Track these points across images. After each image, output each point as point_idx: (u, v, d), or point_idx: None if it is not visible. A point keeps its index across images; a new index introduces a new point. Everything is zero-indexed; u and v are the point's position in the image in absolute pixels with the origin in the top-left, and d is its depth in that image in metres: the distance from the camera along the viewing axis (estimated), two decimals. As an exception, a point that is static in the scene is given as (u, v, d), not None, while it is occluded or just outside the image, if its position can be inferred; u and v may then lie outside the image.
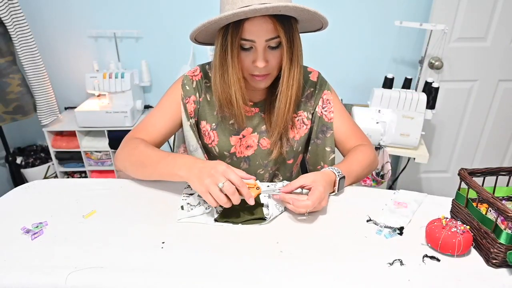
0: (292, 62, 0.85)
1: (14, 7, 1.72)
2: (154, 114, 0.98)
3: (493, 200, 0.64)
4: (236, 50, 0.82)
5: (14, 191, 0.89)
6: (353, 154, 0.97)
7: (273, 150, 0.99)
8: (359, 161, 0.95)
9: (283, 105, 0.90)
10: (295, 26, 0.83)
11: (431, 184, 2.32)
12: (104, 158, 2.10)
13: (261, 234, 0.75)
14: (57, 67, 2.16)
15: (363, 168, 0.94)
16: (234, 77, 0.86)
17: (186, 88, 0.97)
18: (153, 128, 0.96)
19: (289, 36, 0.81)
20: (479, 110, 2.08)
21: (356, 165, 0.93)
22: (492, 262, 0.65)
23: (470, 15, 1.83)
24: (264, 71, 0.86)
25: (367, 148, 1.00)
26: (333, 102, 1.01)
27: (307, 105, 1.01)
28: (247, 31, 0.80)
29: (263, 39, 0.80)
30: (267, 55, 0.84)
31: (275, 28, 0.79)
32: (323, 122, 1.01)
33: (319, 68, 1.05)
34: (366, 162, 0.96)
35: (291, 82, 0.87)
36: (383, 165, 1.66)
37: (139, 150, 0.88)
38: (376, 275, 0.63)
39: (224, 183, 0.72)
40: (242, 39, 0.81)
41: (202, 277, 0.63)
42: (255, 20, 0.78)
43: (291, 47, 0.83)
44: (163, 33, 2.06)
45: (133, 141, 0.91)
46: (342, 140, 1.03)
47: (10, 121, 1.89)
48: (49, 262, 0.66)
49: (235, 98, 0.89)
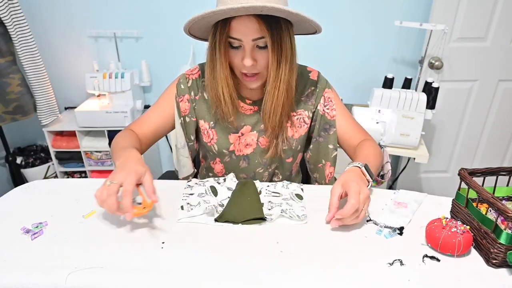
0: (279, 64, 0.84)
1: (14, 7, 1.72)
2: (150, 110, 1.03)
3: (493, 200, 0.64)
4: (223, 47, 0.84)
5: (14, 191, 0.89)
6: (363, 148, 0.97)
7: (269, 148, 0.99)
8: (371, 154, 0.94)
9: (269, 106, 0.91)
10: (286, 27, 0.82)
11: (431, 184, 2.32)
12: (104, 158, 2.10)
13: (261, 234, 0.75)
14: (57, 67, 2.15)
15: (376, 159, 0.94)
16: (221, 74, 0.88)
17: (180, 87, 1.00)
18: (146, 123, 1.00)
19: (275, 37, 0.81)
20: (479, 110, 2.08)
21: (371, 157, 0.92)
22: (492, 262, 0.65)
23: (470, 15, 1.83)
24: (253, 70, 0.86)
25: (373, 143, 1.00)
26: (334, 100, 1.01)
27: (308, 104, 1.01)
28: (234, 30, 0.81)
29: (250, 38, 0.81)
30: (256, 54, 0.84)
31: (261, 28, 0.79)
32: (325, 120, 1.01)
33: (319, 67, 1.05)
34: (377, 154, 0.96)
35: (278, 84, 0.87)
36: (383, 165, 1.66)
37: (118, 139, 0.92)
38: (376, 275, 0.63)
39: (112, 182, 0.70)
40: (230, 37, 0.82)
41: (202, 277, 0.63)
42: (241, 19, 0.79)
43: (278, 48, 0.82)
44: (163, 33, 2.06)
45: (123, 132, 0.97)
46: (347, 138, 1.03)
47: (10, 121, 1.89)
48: (49, 262, 0.66)
49: (222, 95, 0.91)
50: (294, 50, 0.87)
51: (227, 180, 0.91)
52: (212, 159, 1.07)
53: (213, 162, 1.07)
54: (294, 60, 0.88)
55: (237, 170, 1.04)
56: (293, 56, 0.87)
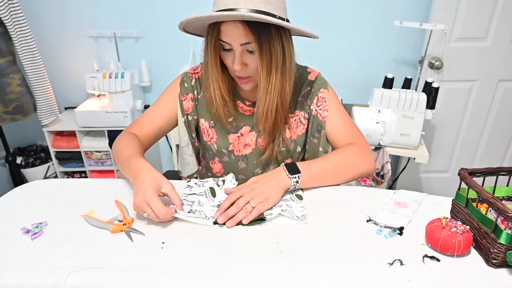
0: (269, 69, 0.84)
1: (14, 7, 1.72)
2: (151, 109, 1.02)
3: (493, 200, 0.64)
4: (213, 50, 0.85)
5: (14, 191, 0.89)
6: (335, 151, 0.94)
7: (265, 150, 0.99)
8: (336, 157, 0.91)
9: (260, 111, 0.90)
10: (277, 33, 0.81)
11: (431, 184, 2.32)
12: (104, 158, 2.10)
13: (261, 234, 0.75)
14: (57, 67, 2.16)
15: (341, 162, 0.90)
16: (212, 75, 0.89)
17: (184, 85, 1.00)
18: (148, 123, 1.00)
19: (262, 43, 0.80)
20: (479, 110, 2.08)
21: (334, 159, 0.89)
22: (492, 262, 0.65)
23: (470, 15, 1.83)
24: (244, 73, 0.86)
25: (356, 148, 0.95)
26: (329, 101, 0.99)
27: (304, 104, 1.00)
28: (223, 33, 0.81)
29: (238, 43, 0.81)
30: (246, 58, 0.84)
31: (247, 34, 0.79)
32: (317, 121, 1.00)
33: (319, 68, 1.04)
34: (348, 158, 0.91)
35: (269, 89, 0.86)
36: (383, 165, 1.66)
37: (120, 144, 0.92)
38: (376, 275, 0.63)
39: (149, 213, 0.73)
40: (220, 40, 0.83)
41: (202, 277, 0.63)
42: (228, 24, 0.79)
43: (266, 54, 0.81)
44: (163, 33, 2.06)
45: (124, 135, 0.96)
46: (335, 139, 1.00)
47: (10, 121, 1.89)
48: (49, 262, 0.66)
49: (213, 95, 0.92)
50: (287, 56, 0.85)
51: (226, 182, 0.91)
52: (211, 158, 1.07)
53: (212, 162, 1.07)
54: (288, 66, 0.86)
55: (235, 170, 1.04)
56: (286, 62, 0.86)
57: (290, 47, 0.86)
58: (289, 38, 0.85)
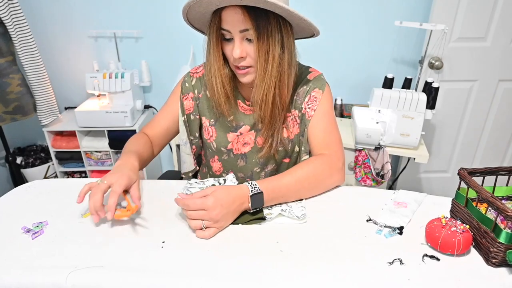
0: (266, 57, 0.83)
1: (14, 7, 1.72)
2: (160, 111, 1.07)
3: (493, 199, 0.64)
4: (215, 38, 0.85)
5: (14, 191, 0.89)
6: (300, 166, 0.89)
7: (263, 147, 0.99)
8: (296, 175, 0.85)
9: (257, 98, 0.89)
10: (276, 22, 0.81)
11: (431, 184, 2.32)
12: (104, 158, 2.10)
13: (261, 234, 0.75)
14: (57, 67, 2.16)
15: (301, 181, 0.85)
16: (214, 65, 0.90)
17: (185, 85, 1.03)
18: (157, 124, 1.06)
19: (261, 30, 0.80)
20: (479, 110, 2.08)
21: (292, 181, 0.84)
22: (492, 261, 0.65)
23: (470, 15, 1.83)
24: (244, 63, 0.86)
25: (323, 160, 0.90)
26: (319, 102, 0.97)
27: (298, 103, 1.00)
28: (224, 21, 0.82)
29: (237, 30, 0.81)
30: (246, 47, 0.84)
31: (246, 19, 0.79)
32: (304, 120, 0.98)
33: (319, 68, 1.04)
34: (310, 176, 0.86)
35: (265, 78, 0.86)
36: (383, 165, 1.66)
37: (128, 142, 0.98)
38: (376, 275, 0.64)
39: (103, 181, 0.76)
40: (221, 29, 0.83)
41: (202, 277, 0.63)
42: (228, 10, 0.80)
43: (264, 42, 0.81)
44: (163, 33, 2.06)
45: (135, 134, 1.03)
46: (310, 142, 0.97)
47: (10, 121, 1.89)
48: (49, 261, 0.66)
49: (215, 85, 0.92)
50: (286, 47, 0.85)
51: (227, 182, 0.91)
52: (211, 156, 1.07)
53: (212, 160, 1.07)
54: (287, 58, 0.86)
55: (235, 169, 1.05)
56: (285, 53, 0.85)
57: (290, 40, 0.86)
58: (289, 32, 0.85)
